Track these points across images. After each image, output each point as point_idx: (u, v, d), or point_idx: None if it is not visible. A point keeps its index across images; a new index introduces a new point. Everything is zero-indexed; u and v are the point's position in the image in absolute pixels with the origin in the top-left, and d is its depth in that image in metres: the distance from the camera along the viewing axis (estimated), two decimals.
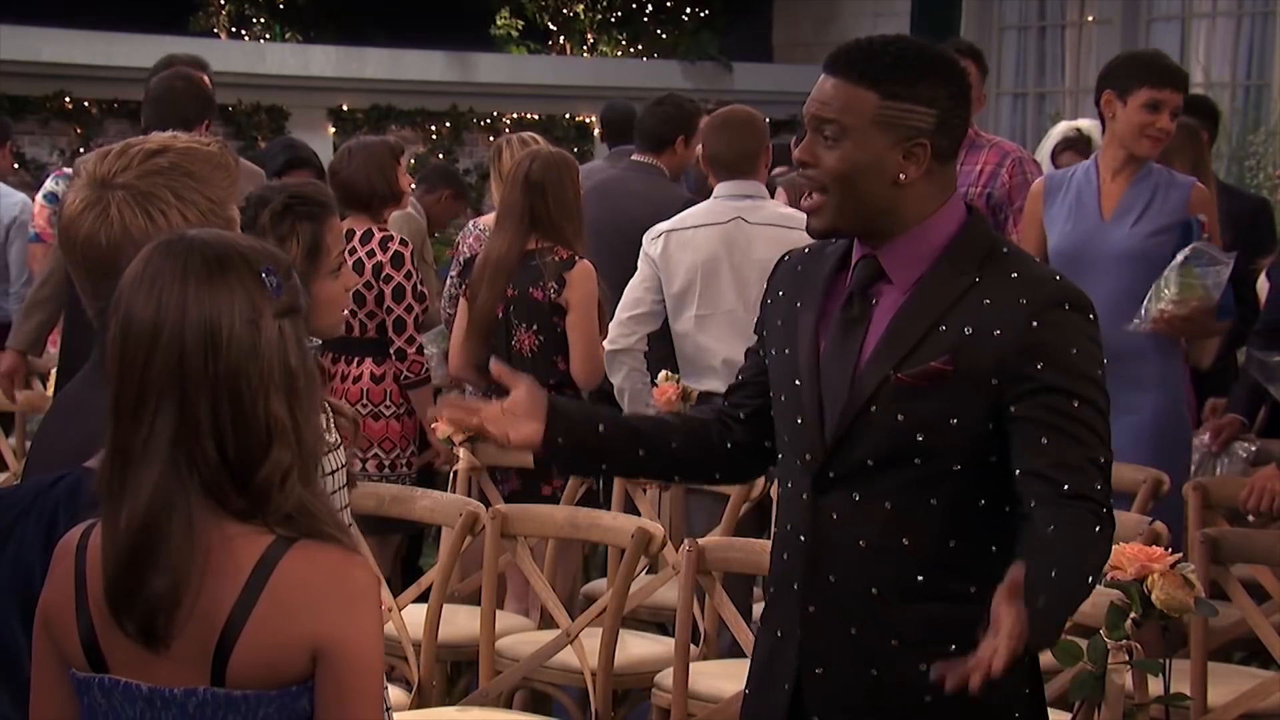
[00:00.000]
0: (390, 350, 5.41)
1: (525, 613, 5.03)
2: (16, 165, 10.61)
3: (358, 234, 5.45)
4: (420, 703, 4.09)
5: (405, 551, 6.43)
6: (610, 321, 5.15)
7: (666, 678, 4.08)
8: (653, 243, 5.09)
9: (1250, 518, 4.63)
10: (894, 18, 12.22)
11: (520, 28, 12.04)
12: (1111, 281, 4.60)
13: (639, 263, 5.14)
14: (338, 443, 2.91)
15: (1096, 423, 2.44)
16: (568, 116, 11.98)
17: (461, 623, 4.50)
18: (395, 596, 4.30)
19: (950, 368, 2.45)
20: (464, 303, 5.36)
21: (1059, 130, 7.23)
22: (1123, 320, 4.57)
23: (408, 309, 5.41)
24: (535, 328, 5.17)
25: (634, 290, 5.12)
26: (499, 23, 11.99)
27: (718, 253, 5.01)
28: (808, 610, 2.56)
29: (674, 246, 5.06)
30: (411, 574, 5.63)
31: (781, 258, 2.74)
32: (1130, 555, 3.07)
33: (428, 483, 5.47)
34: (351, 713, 1.95)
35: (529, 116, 11.83)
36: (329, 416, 2.94)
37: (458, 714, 4.00)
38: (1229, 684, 3.95)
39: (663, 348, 5.20)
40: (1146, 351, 4.65)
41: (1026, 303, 2.45)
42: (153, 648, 1.94)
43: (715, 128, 5.16)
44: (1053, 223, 4.85)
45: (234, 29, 11.45)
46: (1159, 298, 4.60)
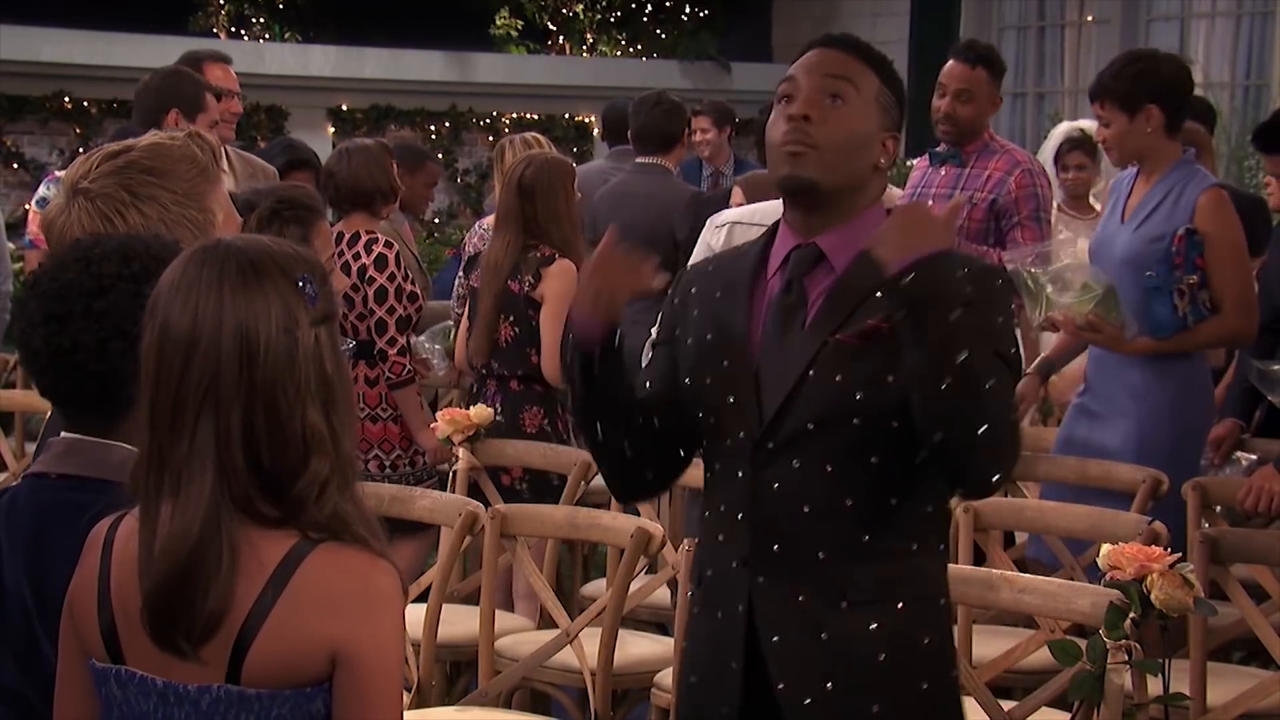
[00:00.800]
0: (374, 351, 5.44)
1: (535, 613, 5.03)
2: (15, 165, 10.63)
3: (345, 237, 5.48)
4: (420, 703, 4.09)
5: None
6: None
7: (666, 678, 4.08)
8: (715, 231, 5.05)
9: (1249, 517, 4.63)
10: (894, 18, 12.22)
11: (520, 28, 12.05)
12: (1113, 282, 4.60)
13: (696, 248, 5.14)
14: None
15: (1001, 374, 2.45)
16: (567, 116, 11.98)
17: (461, 623, 4.51)
18: None
19: (886, 325, 2.49)
20: (466, 305, 5.48)
21: (1061, 130, 7.22)
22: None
23: (389, 310, 5.41)
24: (512, 319, 5.28)
25: None
26: (498, 22, 11.99)
27: None
28: (757, 582, 2.58)
29: (737, 237, 5.07)
30: None
31: (683, 270, 2.80)
32: (1130, 555, 3.07)
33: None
34: (369, 717, 1.95)
35: (528, 116, 11.83)
36: None
37: (457, 714, 3.99)
38: (1228, 684, 3.95)
39: None
40: (1137, 362, 4.66)
41: (966, 271, 2.49)
42: (184, 657, 1.95)
43: None
44: (1099, 225, 4.89)
45: (233, 29, 11.45)
46: (1050, 301, 4.58)
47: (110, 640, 2.00)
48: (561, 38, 12.42)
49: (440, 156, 11.24)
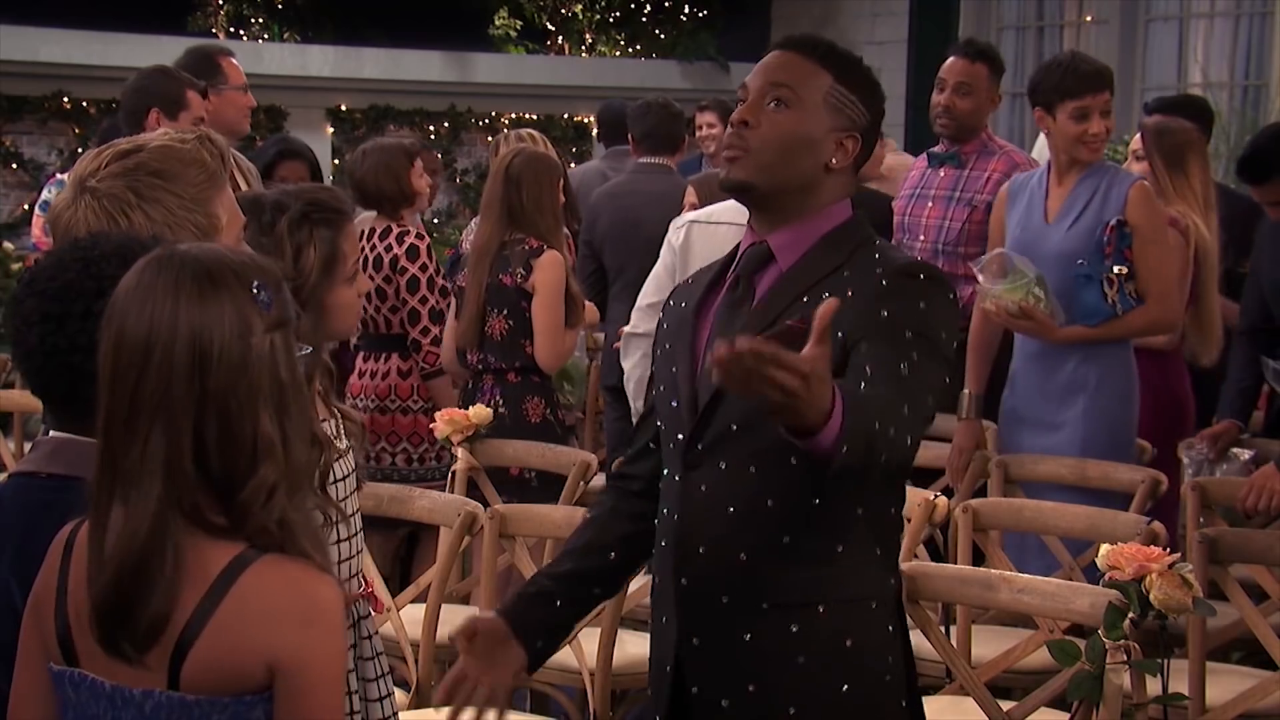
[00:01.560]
0: (407, 342, 5.51)
1: None
2: (14, 165, 10.63)
3: (376, 230, 5.59)
4: (419, 703, 4.09)
5: (405, 551, 6.43)
6: (584, 311, 5.32)
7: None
8: (675, 231, 5.17)
9: (1248, 516, 4.64)
10: (893, 17, 12.22)
11: (518, 28, 12.05)
12: (1051, 283, 4.64)
13: (662, 250, 5.19)
14: (348, 448, 2.91)
15: (923, 352, 2.45)
16: (566, 116, 11.98)
17: (461, 623, 4.50)
18: (394, 596, 4.30)
19: (803, 325, 2.45)
20: (452, 301, 5.50)
21: None
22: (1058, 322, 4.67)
23: (421, 300, 5.49)
24: (505, 312, 5.31)
25: (656, 278, 5.21)
26: (497, 23, 11.99)
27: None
28: (681, 584, 2.60)
29: (695, 237, 5.13)
30: (410, 574, 5.63)
31: (675, 289, 2.81)
32: (1128, 555, 3.08)
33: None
34: None
35: (527, 116, 11.83)
36: (338, 421, 2.94)
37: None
38: (1227, 684, 3.95)
39: None
40: (1075, 353, 4.69)
41: (881, 272, 2.52)
42: (129, 661, 1.96)
43: None
44: (1009, 228, 4.93)
45: (232, 29, 11.45)
46: (983, 291, 4.64)
47: (65, 643, 2.02)
48: (560, 38, 12.42)
49: (439, 156, 11.24)
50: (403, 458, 5.41)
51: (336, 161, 11.35)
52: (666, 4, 12.52)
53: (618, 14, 12.44)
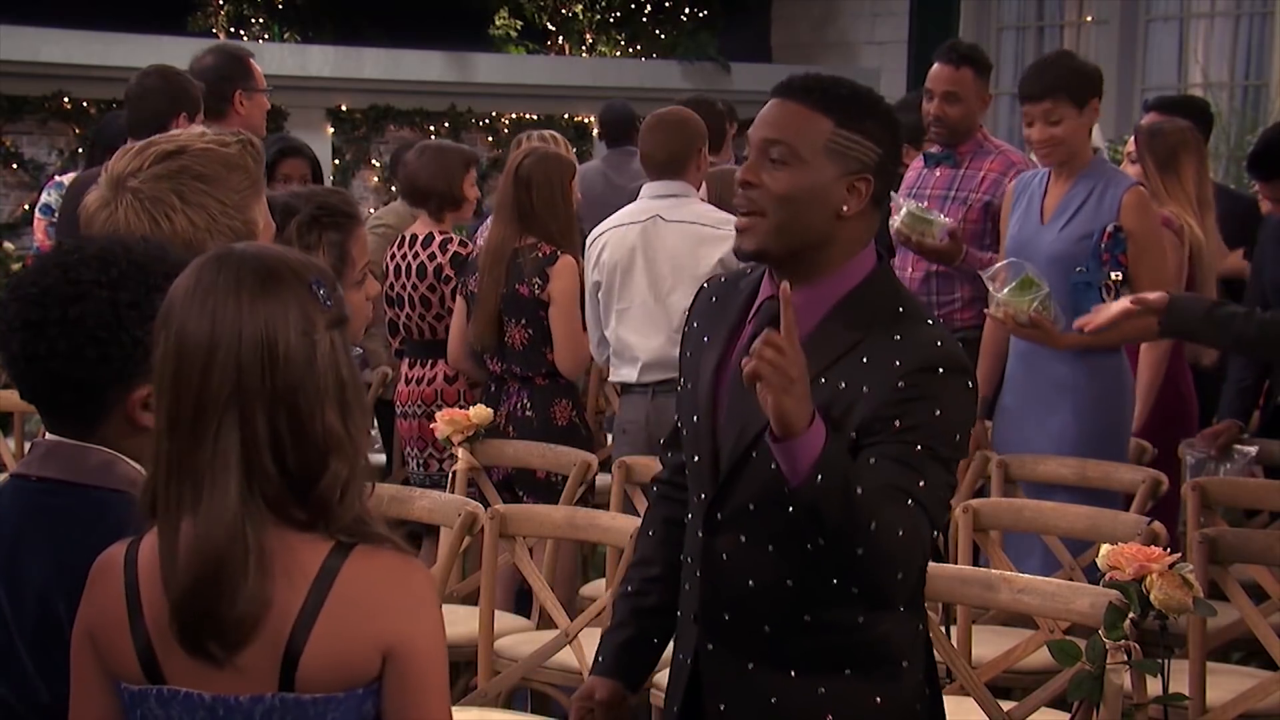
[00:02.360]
0: None
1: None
2: (14, 165, 10.63)
3: (419, 238, 5.72)
4: None
5: None
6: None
7: (664, 678, 4.07)
8: (590, 245, 5.32)
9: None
10: (893, 18, 12.22)
11: (519, 28, 12.05)
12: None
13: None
14: None
15: (933, 470, 2.42)
16: (566, 116, 11.97)
17: (460, 623, 4.51)
18: None
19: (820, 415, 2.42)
20: (460, 300, 5.54)
21: None
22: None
23: None
24: (524, 322, 5.33)
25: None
26: (497, 23, 11.99)
27: (635, 249, 5.19)
28: (706, 648, 2.60)
29: (598, 247, 5.28)
30: None
31: (701, 288, 2.77)
32: (1129, 555, 3.07)
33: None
34: (423, 712, 1.98)
35: (527, 116, 11.83)
36: None
37: (457, 714, 3.99)
38: (1227, 684, 3.95)
39: None
40: (1064, 355, 4.70)
41: (899, 364, 2.44)
42: (220, 665, 1.95)
43: (650, 128, 5.32)
44: (1010, 225, 4.94)
45: (232, 29, 11.45)
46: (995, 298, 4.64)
47: (148, 661, 1.99)
48: (561, 38, 12.41)
49: None
50: (450, 463, 5.44)
51: (337, 161, 11.35)
52: (666, 4, 12.51)
53: (618, 14, 12.44)
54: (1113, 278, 4.66)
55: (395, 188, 7.28)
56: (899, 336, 2.48)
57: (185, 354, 1.94)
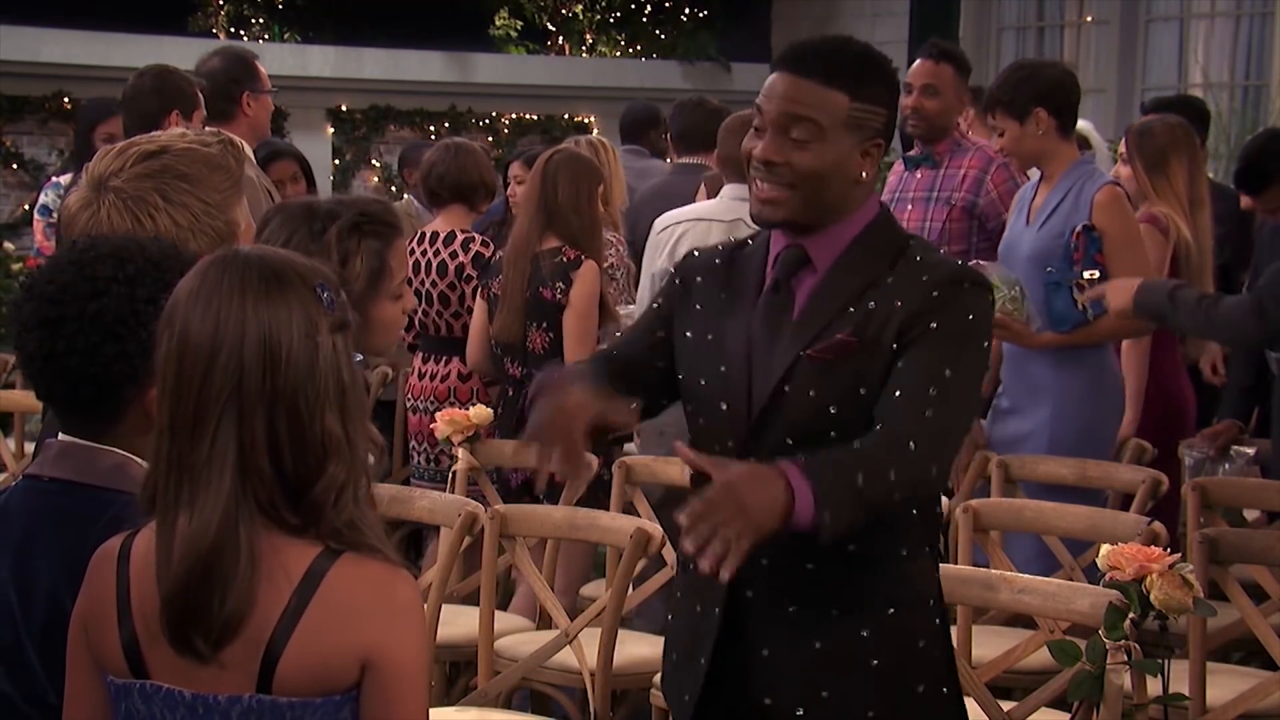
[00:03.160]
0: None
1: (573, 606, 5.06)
2: (15, 165, 10.64)
3: (441, 236, 5.75)
4: None
5: (405, 551, 6.43)
6: (616, 324, 5.33)
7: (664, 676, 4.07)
8: (658, 234, 5.23)
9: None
10: (892, 18, 12.22)
11: (519, 28, 12.06)
12: (1025, 284, 4.67)
13: (647, 251, 5.30)
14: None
15: (959, 392, 2.51)
16: (566, 117, 11.98)
17: (460, 623, 4.51)
18: None
19: (854, 339, 2.53)
20: (481, 302, 5.51)
21: None
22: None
23: None
24: (545, 325, 5.31)
25: (652, 280, 5.28)
26: (498, 23, 12.00)
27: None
28: (746, 596, 2.60)
29: (673, 235, 5.23)
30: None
31: (690, 252, 2.81)
32: (1129, 555, 3.08)
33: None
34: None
35: (528, 117, 11.84)
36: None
37: (456, 714, 3.99)
38: (1227, 684, 3.95)
39: None
40: (1045, 355, 4.72)
41: (928, 279, 2.55)
42: (204, 661, 1.95)
43: (733, 131, 5.23)
44: (1007, 231, 4.99)
45: (232, 29, 11.46)
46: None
47: (132, 655, 2.00)
48: (561, 38, 12.42)
49: None
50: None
51: (337, 162, 11.36)
52: (666, 4, 12.52)
53: (618, 14, 12.45)
54: (1086, 277, 4.65)
55: (397, 188, 7.29)
56: (919, 258, 2.60)
57: (188, 354, 1.94)
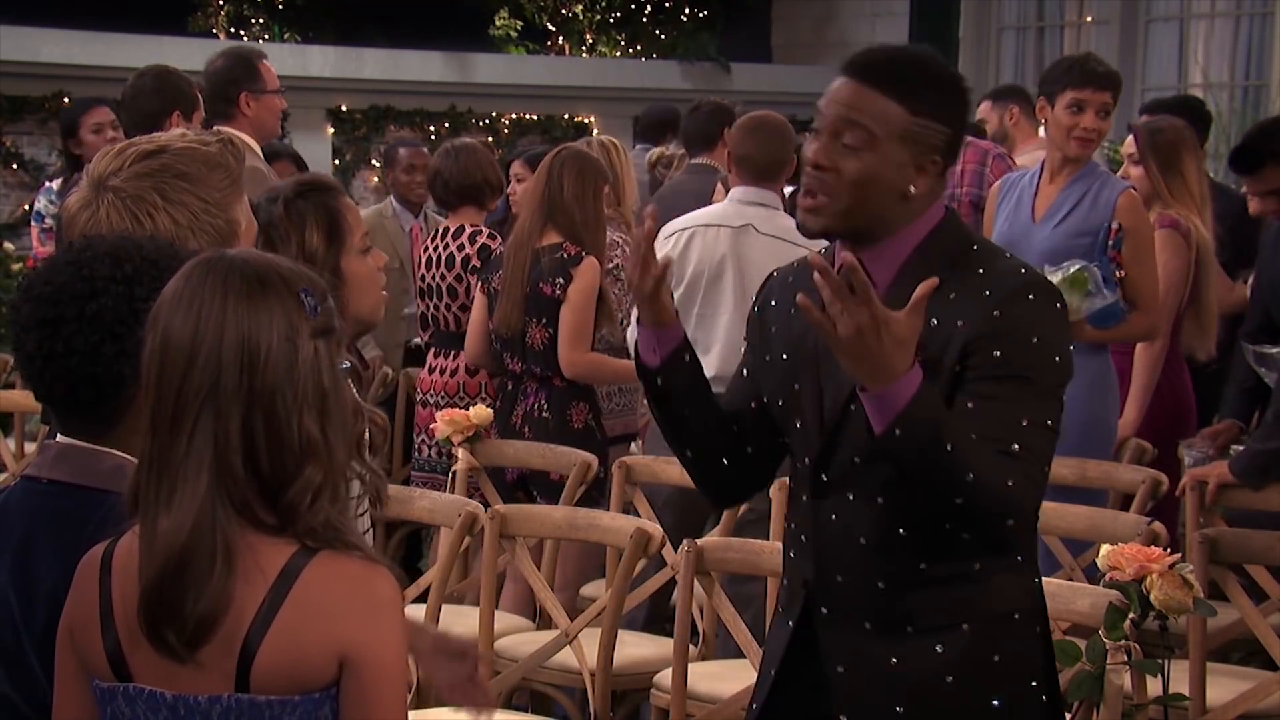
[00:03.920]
0: None
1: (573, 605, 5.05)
2: (15, 166, 10.64)
3: (450, 230, 5.83)
4: (419, 703, 4.09)
5: (405, 551, 6.44)
6: (615, 323, 5.31)
7: (665, 678, 4.08)
8: (665, 240, 5.17)
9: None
10: (892, 18, 12.22)
11: (519, 28, 12.05)
12: None
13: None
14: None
15: (1036, 407, 2.46)
16: (566, 117, 11.97)
17: (460, 623, 4.51)
18: None
19: (915, 356, 2.46)
20: (480, 296, 5.49)
21: None
22: None
23: None
24: (544, 321, 5.29)
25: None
26: (498, 23, 11.99)
27: (726, 257, 5.10)
28: (821, 612, 2.61)
29: (682, 239, 5.18)
30: (411, 574, 5.64)
31: (771, 274, 2.79)
32: (1129, 555, 3.08)
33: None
34: (377, 719, 1.97)
35: (528, 117, 11.83)
36: (365, 429, 2.93)
37: (456, 714, 4.00)
38: (1227, 684, 3.96)
39: None
40: None
41: (990, 294, 2.49)
42: (181, 660, 1.96)
43: (750, 131, 5.21)
44: (996, 224, 4.98)
45: (232, 29, 11.45)
46: None
47: (116, 659, 2.01)
48: (561, 38, 12.42)
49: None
50: None
51: (337, 162, 11.35)
52: (666, 4, 12.51)
53: (618, 14, 12.44)
54: (1118, 276, 4.70)
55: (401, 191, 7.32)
56: (982, 270, 2.53)
57: (169, 354, 1.95)
